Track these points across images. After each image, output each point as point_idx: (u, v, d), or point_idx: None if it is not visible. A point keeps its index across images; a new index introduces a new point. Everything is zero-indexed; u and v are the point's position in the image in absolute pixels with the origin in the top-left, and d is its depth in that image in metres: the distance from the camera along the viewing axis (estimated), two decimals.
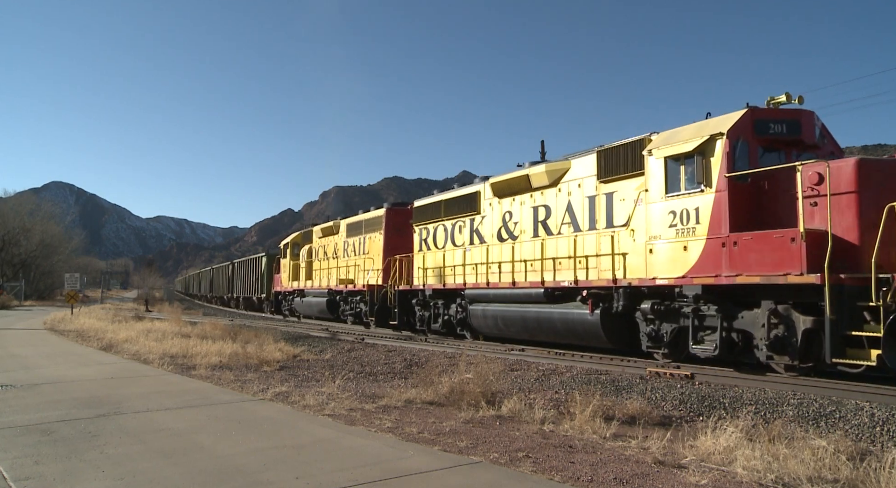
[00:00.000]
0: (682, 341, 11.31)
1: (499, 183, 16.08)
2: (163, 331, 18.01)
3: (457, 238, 17.75)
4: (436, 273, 18.45)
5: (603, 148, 13.03)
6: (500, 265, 15.67)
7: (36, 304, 50.54)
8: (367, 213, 24.53)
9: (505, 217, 15.85)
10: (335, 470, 4.93)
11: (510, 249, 15.45)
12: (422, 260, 19.23)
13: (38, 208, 69.73)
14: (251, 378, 10.06)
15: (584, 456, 5.39)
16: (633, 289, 12.02)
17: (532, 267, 14.63)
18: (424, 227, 19.28)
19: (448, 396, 7.85)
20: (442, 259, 18.22)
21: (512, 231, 15.53)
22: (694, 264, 10.64)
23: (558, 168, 14.28)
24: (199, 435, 6.13)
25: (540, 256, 14.35)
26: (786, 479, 4.60)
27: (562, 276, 13.68)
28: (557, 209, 14.19)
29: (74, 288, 36.94)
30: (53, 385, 9.40)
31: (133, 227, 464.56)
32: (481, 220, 16.76)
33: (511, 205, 15.69)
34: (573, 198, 13.75)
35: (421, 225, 19.48)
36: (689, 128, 11.16)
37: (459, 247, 17.55)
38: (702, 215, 10.58)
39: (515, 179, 15.48)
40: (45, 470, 4.97)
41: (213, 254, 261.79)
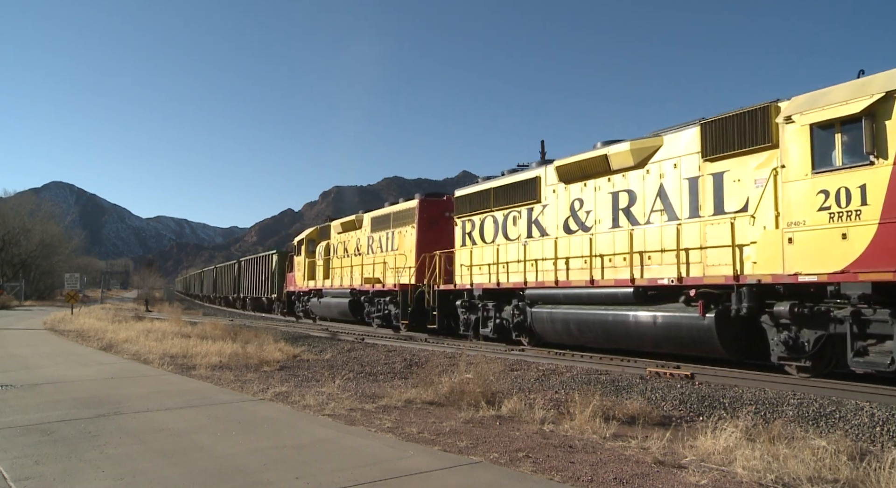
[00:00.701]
0: (829, 351, 9.54)
1: (566, 166, 14.02)
2: (163, 331, 18.01)
3: (510, 230, 15.76)
4: (484, 271, 16.41)
5: (708, 119, 11.10)
6: (567, 261, 13.75)
7: (36, 304, 50.54)
8: (395, 205, 22.47)
9: (574, 205, 13.89)
10: (335, 470, 4.93)
11: (581, 242, 13.53)
12: (466, 256, 17.16)
13: (38, 208, 69.72)
14: (251, 378, 10.06)
15: (584, 456, 5.39)
16: (762, 288, 9.94)
17: (610, 262, 12.78)
18: (468, 220, 17.28)
19: (448, 396, 7.85)
20: (492, 255, 16.14)
21: (583, 221, 13.60)
22: (858, 256, 8.56)
23: (646, 146, 12.26)
24: (199, 435, 6.13)
25: (626, 249, 12.33)
26: (786, 479, 4.60)
27: (656, 273, 11.75)
28: (645, 194, 12.24)
29: (74, 288, 36.94)
30: (53, 385, 9.40)
31: (133, 227, 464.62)
32: (542, 210, 14.79)
33: (582, 192, 13.70)
34: (667, 181, 11.81)
35: (464, 217, 17.48)
36: (843, 88, 9.14)
37: (514, 241, 15.54)
38: (871, 195, 8.47)
39: (589, 161, 13.39)
40: (45, 470, 4.97)
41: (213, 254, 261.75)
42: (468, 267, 16.95)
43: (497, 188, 16.36)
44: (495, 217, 16.33)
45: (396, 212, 22.05)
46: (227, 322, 23.51)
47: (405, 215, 21.35)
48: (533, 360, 12.32)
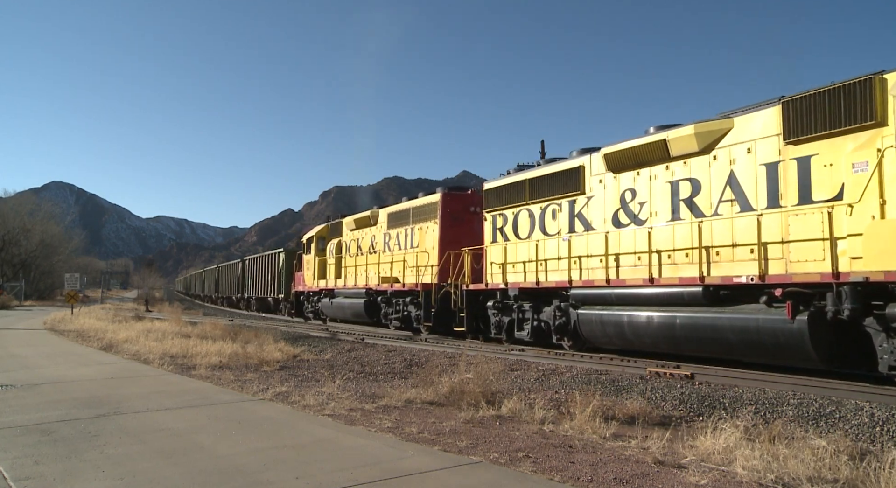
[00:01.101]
0: None
1: (616, 153, 12.79)
2: (163, 331, 18.01)
3: (549, 225, 14.50)
4: (518, 269, 15.13)
5: (791, 97, 9.97)
6: (617, 258, 12.52)
7: (36, 304, 50.55)
8: (415, 200, 21.07)
9: (625, 196, 12.66)
10: (335, 470, 4.93)
11: (633, 237, 12.36)
12: (498, 253, 15.87)
13: (38, 208, 69.77)
14: (251, 378, 10.06)
15: (584, 456, 5.39)
16: (869, 287, 8.69)
17: (669, 258, 11.61)
18: (500, 214, 15.97)
19: (448, 396, 7.85)
20: (528, 252, 14.90)
21: (636, 213, 12.38)
22: None
23: (713, 129, 11.10)
24: (199, 435, 6.13)
25: (690, 244, 11.19)
26: (786, 479, 4.60)
27: (727, 270, 10.55)
28: (713, 182, 11.06)
29: (74, 288, 36.94)
30: (53, 385, 9.40)
31: (133, 227, 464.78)
32: (586, 202, 13.55)
33: (634, 181, 12.48)
34: (739, 168, 10.63)
35: (495, 211, 16.17)
36: None
37: (553, 237, 14.30)
38: None
39: (644, 147, 12.17)
40: (45, 470, 4.97)
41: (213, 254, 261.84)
42: (500, 265, 15.71)
43: (533, 179, 15.01)
44: (531, 211, 15.02)
45: (416, 207, 20.67)
46: (227, 322, 23.51)
47: (426, 210, 19.97)
48: (533, 360, 12.31)
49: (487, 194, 16.71)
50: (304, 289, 29.46)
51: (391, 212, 22.30)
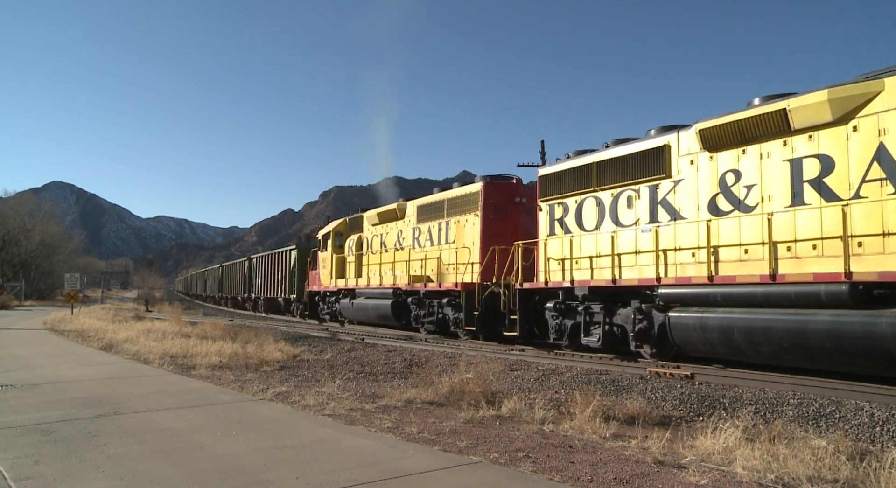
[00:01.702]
0: None
1: (716, 129, 11.01)
2: (163, 331, 18.02)
3: (623, 214, 12.67)
4: (584, 265, 13.31)
5: None
6: (716, 251, 10.68)
7: (36, 304, 50.56)
8: (449, 191, 19.02)
9: (725, 179, 10.93)
10: (335, 470, 4.93)
11: (737, 226, 10.63)
12: (557, 247, 14.05)
13: (38, 208, 69.80)
14: (251, 378, 10.06)
15: (584, 456, 5.40)
16: None
17: (789, 251, 9.89)
18: (559, 203, 14.12)
19: (448, 396, 7.86)
20: (595, 245, 13.12)
21: (741, 199, 10.65)
22: None
23: (854, 94, 9.30)
24: (199, 435, 6.13)
25: (822, 233, 9.49)
26: (786, 479, 4.61)
27: (874, 264, 8.79)
28: (851, 159, 9.30)
29: (74, 288, 36.96)
30: (53, 385, 9.40)
31: (133, 227, 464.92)
32: (673, 187, 11.78)
33: (739, 161, 10.76)
34: (890, 140, 8.88)
35: (553, 200, 14.31)
36: None
37: (629, 227, 12.48)
38: None
39: (754, 120, 10.44)
40: (45, 470, 4.98)
41: (214, 254, 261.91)
42: (559, 260, 13.86)
43: (603, 163, 13.18)
44: (599, 198, 13.22)
45: (452, 198, 18.64)
46: (227, 322, 23.51)
47: (464, 202, 18.04)
48: (533, 360, 12.32)
49: (543, 181, 14.70)
50: (319, 289, 27.30)
51: (421, 205, 20.21)
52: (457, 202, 18.40)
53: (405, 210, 21.17)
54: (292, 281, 33.85)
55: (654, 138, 12.33)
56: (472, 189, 17.94)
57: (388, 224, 22.22)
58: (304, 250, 33.06)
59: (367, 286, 22.50)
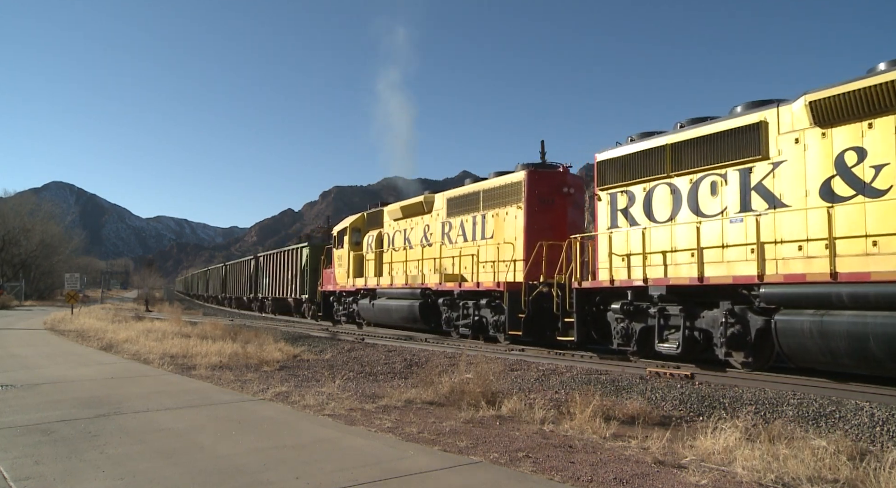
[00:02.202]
0: None
1: (834, 99, 9.49)
2: (163, 331, 18.02)
3: (706, 203, 11.12)
4: (656, 261, 11.77)
5: None
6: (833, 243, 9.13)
7: (36, 304, 50.56)
8: (486, 181, 17.44)
9: (844, 158, 9.41)
10: (335, 470, 4.93)
11: (863, 213, 9.12)
12: (623, 241, 12.52)
13: (38, 208, 69.82)
14: (251, 378, 10.07)
15: (584, 456, 5.40)
16: None
17: None
18: (623, 191, 12.64)
19: (448, 396, 7.86)
20: (669, 238, 11.63)
21: (866, 181, 9.12)
22: None
23: None
24: (200, 435, 6.13)
25: None
26: (786, 479, 4.61)
27: None
28: None
29: (74, 288, 36.94)
30: (53, 385, 9.40)
31: (133, 227, 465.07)
32: (771, 170, 10.34)
33: (862, 137, 9.24)
34: None
35: (615, 188, 12.81)
36: None
37: (713, 218, 10.92)
38: None
39: (886, 87, 8.88)
40: (45, 470, 4.98)
41: (214, 254, 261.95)
42: (623, 256, 12.37)
43: (678, 145, 11.65)
44: (674, 185, 11.71)
45: (489, 189, 17.02)
46: (227, 322, 23.51)
47: (504, 193, 16.44)
48: (533, 360, 12.31)
49: (603, 168, 13.14)
50: (335, 289, 25.38)
51: (452, 197, 18.57)
52: (495, 193, 16.73)
53: (433, 203, 19.45)
54: (304, 280, 31.93)
55: (745, 115, 10.82)
56: (513, 179, 16.21)
57: (412, 218, 20.52)
58: (316, 247, 31.29)
59: (391, 285, 20.67)
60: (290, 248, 35.96)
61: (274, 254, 38.98)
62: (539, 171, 15.99)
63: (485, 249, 16.80)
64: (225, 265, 57.33)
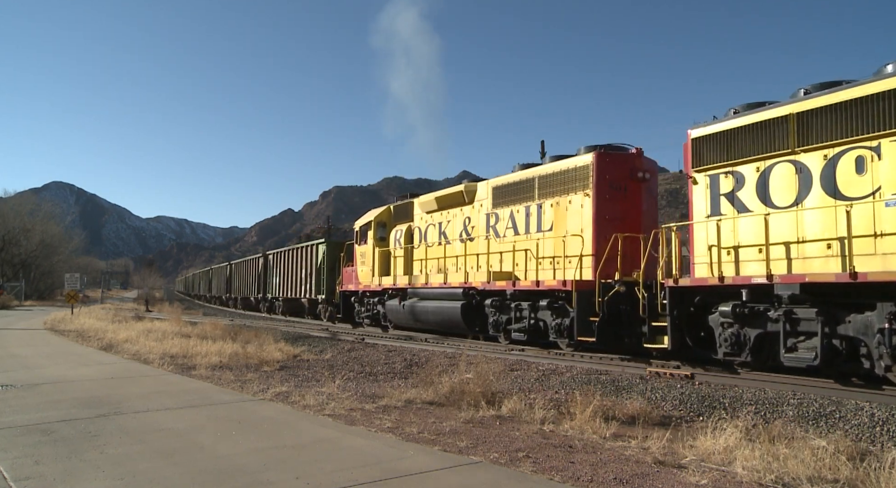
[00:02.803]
0: None
1: None
2: (163, 331, 18.02)
3: (848, 183, 9.14)
4: (776, 254, 9.86)
5: None
6: None
7: (36, 304, 50.58)
8: (542, 166, 15.32)
9: None
10: (335, 470, 4.93)
11: None
12: (729, 231, 10.54)
13: (38, 208, 69.88)
14: (251, 378, 10.07)
15: (584, 456, 5.40)
16: None
17: None
18: (728, 173, 10.73)
19: (448, 396, 7.86)
20: (794, 227, 9.72)
21: None
22: None
23: None
24: (200, 435, 6.13)
25: None
26: (786, 479, 4.61)
27: None
28: None
29: (74, 288, 36.95)
30: (53, 385, 9.40)
31: (133, 227, 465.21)
32: None
33: None
34: None
35: (718, 168, 10.86)
36: None
37: (862, 200, 8.91)
38: None
39: None
40: (45, 470, 4.98)
41: (214, 254, 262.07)
42: (730, 249, 10.53)
43: (807, 113, 9.71)
44: (801, 163, 9.78)
45: (547, 175, 14.89)
46: (227, 322, 23.51)
47: (567, 179, 14.36)
48: (533, 360, 12.31)
49: (700, 146, 11.27)
50: (357, 289, 23.10)
51: (499, 186, 16.44)
52: (554, 180, 14.65)
53: (475, 193, 17.37)
54: (320, 279, 29.64)
55: None
56: (577, 162, 14.15)
57: (449, 210, 18.43)
58: (334, 244, 29.34)
59: (425, 285, 18.40)
60: (305, 245, 33.14)
61: (285, 251, 36.56)
62: (609, 154, 13.93)
63: (542, 243, 14.71)
64: (230, 264, 54.45)
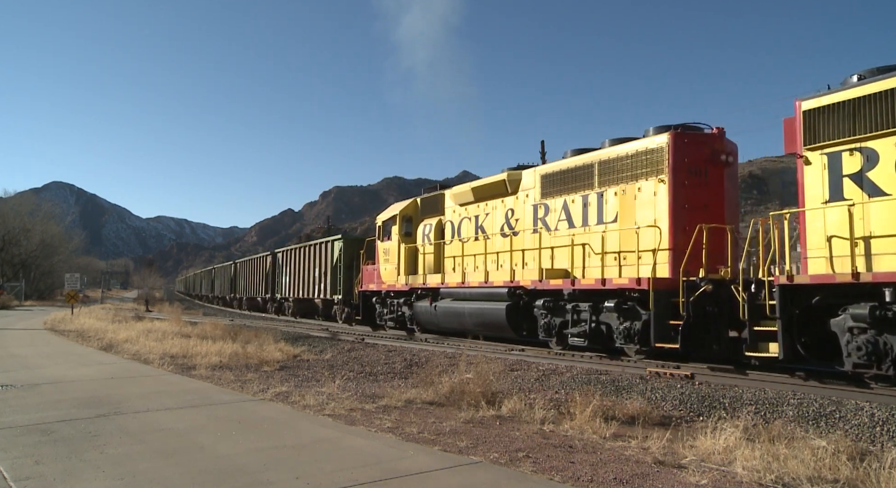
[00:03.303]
0: None
1: None
2: (163, 331, 18.02)
3: None
4: None
5: None
6: None
7: (36, 304, 50.57)
8: (604, 150, 13.39)
9: None
10: (335, 470, 4.93)
11: None
12: (861, 217, 8.88)
13: (38, 208, 69.90)
14: (251, 378, 10.07)
15: (584, 456, 5.40)
16: None
17: None
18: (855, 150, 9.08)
19: (448, 396, 7.86)
20: None
21: None
22: None
23: None
24: (200, 435, 6.13)
25: None
26: (786, 479, 4.61)
27: None
28: None
29: (74, 288, 36.95)
30: (54, 385, 9.40)
31: (133, 227, 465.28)
32: None
33: None
34: None
35: (838, 146, 9.24)
36: None
37: None
38: None
39: None
40: (45, 470, 4.98)
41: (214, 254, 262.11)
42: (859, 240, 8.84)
43: None
44: None
45: (610, 160, 13.12)
46: (227, 322, 23.51)
47: (636, 163, 12.61)
48: (533, 360, 12.31)
49: (814, 119, 9.63)
50: (379, 289, 21.30)
51: (549, 173, 14.69)
52: (619, 165, 12.92)
53: (519, 182, 15.68)
54: (336, 278, 27.50)
55: None
56: (648, 144, 12.39)
57: (488, 202, 16.78)
58: (352, 241, 27.72)
59: (462, 284, 16.73)
60: (319, 242, 31.01)
61: (296, 249, 34.33)
62: (687, 134, 12.29)
63: (605, 237, 12.80)
64: (234, 263, 51.98)
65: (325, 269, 29.09)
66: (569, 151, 14.74)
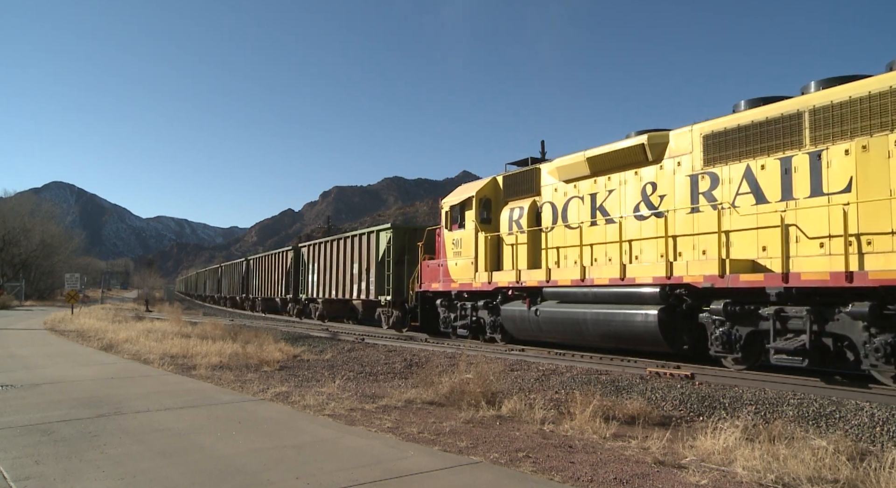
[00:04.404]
0: None
1: None
2: (163, 332, 18.02)
3: None
4: None
5: None
6: None
7: (36, 304, 50.57)
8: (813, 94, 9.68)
9: None
10: (335, 470, 4.93)
11: None
12: None
13: (38, 208, 69.91)
14: (251, 378, 10.07)
15: (584, 456, 5.40)
16: None
17: None
18: None
19: (448, 396, 7.86)
20: None
21: None
22: None
23: None
24: (200, 436, 6.13)
25: None
26: (786, 479, 4.61)
27: None
28: None
29: (75, 288, 36.93)
30: (54, 385, 9.40)
31: (133, 227, 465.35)
32: None
33: None
34: None
35: None
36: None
37: None
38: None
39: None
40: (45, 469, 4.98)
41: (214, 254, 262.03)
42: None
43: None
44: None
45: (831, 105, 9.30)
46: (227, 322, 23.50)
47: (874, 110, 8.86)
48: (533, 360, 12.30)
49: None
50: (447, 289, 17.38)
51: (717, 132, 10.93)
52: (850, 113, 9.14)
53: (664, 146, 11.94)
54: (382, 277, 22.65)
55: None
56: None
57: (611, 176, 13.00)
58: (404, 231, 22.82)
59: (581, 281, 12.85)
60: (359, 233, 25.81)
61: (326, 242, 28.67)
62: None
63: (829, 214, 9.30)
64: (247, 260, 46.28)
65: (367, 265, 24.29)
66: (742, 102, 11.04)
